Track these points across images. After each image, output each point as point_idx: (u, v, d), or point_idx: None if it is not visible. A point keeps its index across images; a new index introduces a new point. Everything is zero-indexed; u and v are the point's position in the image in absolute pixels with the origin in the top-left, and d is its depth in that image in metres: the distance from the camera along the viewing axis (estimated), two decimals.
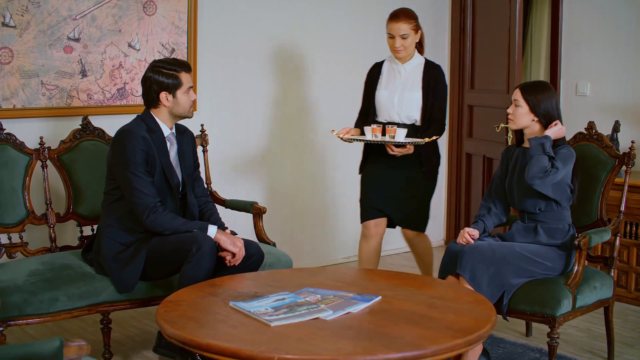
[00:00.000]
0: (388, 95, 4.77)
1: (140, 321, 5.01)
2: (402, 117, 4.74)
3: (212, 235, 3.91)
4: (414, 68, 4.81)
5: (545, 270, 3.94)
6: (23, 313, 3.74)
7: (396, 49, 4.73)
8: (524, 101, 4.04)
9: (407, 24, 4.69)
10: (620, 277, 5.33)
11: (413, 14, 4.75)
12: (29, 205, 4.32)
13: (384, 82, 4.84)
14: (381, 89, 4.82)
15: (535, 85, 4.12)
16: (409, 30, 4.70)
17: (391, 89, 4.78)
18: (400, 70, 4.81)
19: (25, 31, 4.66)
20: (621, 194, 4.34)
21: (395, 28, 4.70)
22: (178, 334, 2.93)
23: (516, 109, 4.07)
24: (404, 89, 4.75)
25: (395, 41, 4.72)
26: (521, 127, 4.11)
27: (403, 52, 4.74)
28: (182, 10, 5.29)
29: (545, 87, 4.10)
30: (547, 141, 3.96)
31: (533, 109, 4.03)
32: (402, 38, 4.69)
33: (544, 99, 4.03)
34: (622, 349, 4.50)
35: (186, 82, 4.05)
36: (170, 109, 4.05)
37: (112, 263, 3.96)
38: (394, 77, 4.82)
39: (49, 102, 4.80)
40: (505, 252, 3.86)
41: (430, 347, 2.79)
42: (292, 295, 3.35)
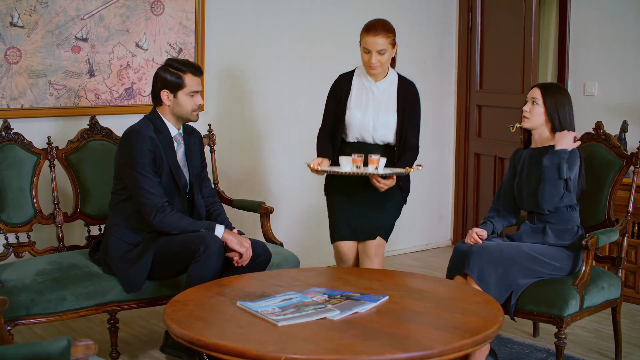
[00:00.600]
0: (361, 117, 4.37)
1: (147, 321, 5.02)
2: (377, 139, 4.39)
3: (220, 235, 3.91)
4: (388, 86, 4.43)
5: (552, 271, 3.94)
6: (30, 312, 3.75)
7: (372, 65, 4.29)
8: (542, 101, 4.04)
9: (385, 38, 4.27)
10: (628, 278, 5.32)
11: (391, 27, 4.36)
12: (36, 205, 4.33)
13: (354, 100, 4.41)
14: (352, 108, 4.39)
15: (555, 88, 4.13)
16: (387, 45, 4.29)
17: (364, 110, 4.38)
18: (373, 88, 4.41)
19: (33, 31, 4.67)
20: (629, 194, 4.34)
21: (372, 42, 4.26)
22: (185, 334, 2.93)
23: (533, 107, 4.07)
24: (379, 110, 4.37)
25: (372, 57, 4.28)
26: (535, 127, 4.10)
27: (379, 68, 4.32)
28: (189, 10, 5.29)
29: (564, 92, 4.13)
30: (563, 161, 3.93)
31: (549, 111, 4.04)
32: (379, 54, 4.27)
33: (562, 104, 4.05)
34: (630, 349, 4.49)
35: (190, 85, 4.02)
36: (171, 108, 4.05)
37: (120, 263, 3.97)
38: (366, 96, 4.41)
39: (56, 102, 4.81)
40: (514, 253, 3.85)
41: (437, 347, 2.78)
42: (300, 295, 3.35)
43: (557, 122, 4.04)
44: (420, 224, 6.94)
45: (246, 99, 5.77)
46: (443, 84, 6.95)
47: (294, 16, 5.96)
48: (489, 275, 3.76)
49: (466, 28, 6.83)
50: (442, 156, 7.03)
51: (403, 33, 6.58)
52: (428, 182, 6.95)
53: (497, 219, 4.20)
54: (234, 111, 5.71)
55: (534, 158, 4.09)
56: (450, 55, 6.96)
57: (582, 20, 6.31)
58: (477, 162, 6.89)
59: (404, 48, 6.61)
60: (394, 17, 6.49)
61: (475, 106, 6.84)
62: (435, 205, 7.07)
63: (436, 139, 6.97)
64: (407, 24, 6.62)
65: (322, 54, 6.11)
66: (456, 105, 7.02)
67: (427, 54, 6.81)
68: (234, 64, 5.67)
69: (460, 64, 6.93)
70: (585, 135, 4.49)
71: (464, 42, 6.86)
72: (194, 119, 4.11)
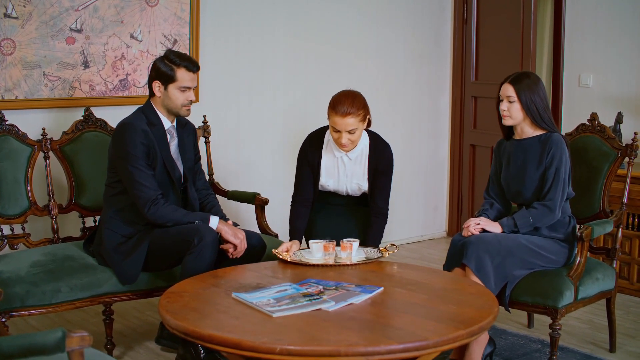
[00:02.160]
0: (334, 184, 4.28)
1: (142, 312, 5.02)
2: (351, 194, 4.34)
3: (214, 226, 3.91)
4: (359, 154, 4.22)
5: (547, 263, 3.94)
6: (25, 304, 3.75)
7: (342, 144, 4.06)
8: (517, 97, 3.98)
9: (355, 117, 3.99)
10: (623, 269, 5.33)
11: (361, 102, 4.05)
12: (31, 197, 4.32)
13: (325, 170, 4.26)
14: (324, 176, 4.27)
15: (524, 78, 4.02)
16: (357, 124, 4.01)
17: (336, 179, 4.27)
18: (344, 159, 4.22)
19: (27, 22, 4.65)
20: (624, 185, 4.34)
21: (341, 124, 3.99)
22: (180, 325, 2.94)
23: (511, 105, 4.01)
24: (352, 178, 4.25)
25: (342, 137, 4.03)
26: (517, 123, 4.05)
27: (350, 146, 4.10)
28: (184, 1, 5.28)
29: (533, 78, 4.04)
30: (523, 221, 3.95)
31: (525, 106, 3.99)
32: (350, 133, 4.02)
33: (535, 92, 3.99)
34: (624, 340, 4.50)
35: (182, 80, 3.98)
36: (161, 100, 4.03)
37: (114, 255, 3.97)
38: (337, 167, 4.25)
39: (51, 94, 4.79)
40: (511, 244, 3.85)
41: (432, 338, 2.79)
42: (295, 287, 3.35)
43: (536, 115, 4.00)
44: (416, 216, 6.95)
45: (241, 90, 5.76)
46: (438, 75, 6.95)
47: (289, 8, 5.95)
48: (487, 265, 3.76)
49: (461, 19, 6.83)
50: (437, 147, 7.04)
51: (398, 24, 6.60)
52: (423, 174, 6.96)
53: (491, 211, 4.20)
54: (229, 102, 5.70)
55: (520, 149, 4.08)
56: (445, 47, 6.95)
57: (577, 11, 6.31)
58: (472, 154, 6.89)
59: (399, 39, 6.63)
60: (390, 8, 6.52)
61: (470, 97, 6.83)
62: (431, 197, 7.07)
63: (431, 130, 6.97)
64: (403, 15, 6.62)
65: (317, 46, 6.10)
66: (451, 96, 7.02)
67: (422, 45, 6.80)
68: (229, 55, 5.66)
69: (455, 55, 6.92)
70: (580, 126, 4.50)
71: (459, 33, 6.86)
72: (184, 114, 4.07)
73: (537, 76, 4.07)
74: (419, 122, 6.89)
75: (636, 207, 5.22)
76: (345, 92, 4.09)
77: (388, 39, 6.57)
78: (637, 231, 5.27)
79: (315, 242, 3.91)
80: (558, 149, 3.95)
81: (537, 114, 3.99)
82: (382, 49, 6.54)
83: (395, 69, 6.64)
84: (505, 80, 4.05)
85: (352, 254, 3.86)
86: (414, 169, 6.87)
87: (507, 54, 6.36)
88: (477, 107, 6.81)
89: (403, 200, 6.77)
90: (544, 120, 4.00)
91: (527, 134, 4.07)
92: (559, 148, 3.95)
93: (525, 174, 4.02)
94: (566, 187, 3.97)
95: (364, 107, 4.06)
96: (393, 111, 6.66)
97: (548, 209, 3.92)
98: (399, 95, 6.69)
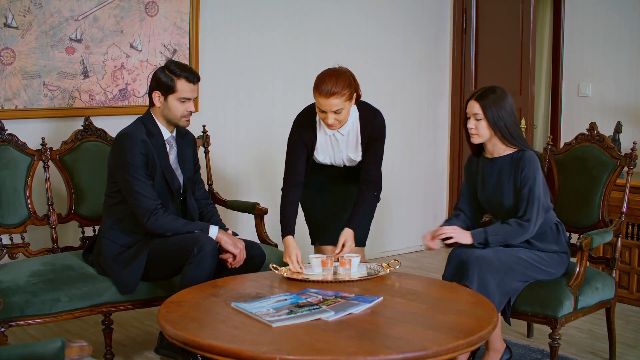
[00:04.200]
0: (331, 160, 4.24)
1: (141, 322, 5.01)
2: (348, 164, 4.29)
3: (214, 235, 3.91)
4: (351, 128, 4.15)
5: (546, 276, 3.93)
6: (25, 314, 3.74)
7: (329, 124, 3.98)
8: (483, 115, 3.87)
9: (339, 97, 3.87)
10: (622, 278, 5.33)
11: (346, 81, 3.92)
12: (30, 206, 4.32)
13: (320, 148, 4.21)
14: (319, 155, 4.23)
15: (490, 94, 3.90)
16: (342, 104, 3.90)
17: (332, 156, 4.23)
18: (337, 135, 4.15)
19: (27, 32, 4.66)
20: (623, 195, 4.34)
21: (326, 104, 3.89)
22: (180, 335, 2.93)
23: (478, 123, 3.89)
24: (347, 151, 4.20)
25: (328, 117, 3.93)
26: (486, 140, 3.94)
27: (338, 125, 4.02)
28: (184, 11, 5.29)
29: (500, 93, 3.90)
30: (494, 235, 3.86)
31: (492, 124, 3.87)
32: (336, 113, 3.92)
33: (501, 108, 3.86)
34: (624, 350, 4.50)
35: (182, 91, 3.97)
36: (161, 110, 4.03)
37: (113, 264, 3.97)
38: (332, 143, 4.20)
39: (50, 103, 4.80)
40: (510, 261, 3.80)
41: (431, 347, 2.79)
42: (294, 296, 3.35)
43: (504, 131, 3.88)
44: (415, 225, 6.94)
45: (241, 100, 5.77)
46: (437, 84, 6.96)
47: (288, 17, 5.97)
48: (490, 285, 3.72)
49: (460, 28, 6.84)
50: (436, 156, 7.04)
51: (397, 33, 6.61)
52: (423, 183, 6.96)
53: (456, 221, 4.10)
54: (229, 112, 5.71)
55: (493, 169, 3.98)
56: (444, 55, 6.96)
57: (576, 20, 6.33)
58: None
59: (398, 48, 6.64)
60: (389, 17, 6.53)
61: None
62: (430, 206, 7.07)
63: (430, 139, 6.98)
64: (402, 24, 6.64)
65: (317, 56, 6.11)
66: (450, 105, 7.03)
67: (421, 54, 6.82)
68: (228, 64, 5.67)
69: (454, 64, 6.93)
70: (579, 136, 4.50)
71: (459, 42, 6.87)
72: (183, 124, 4.06)
73: (503, 90, 3.94)
74: (418, 131, 6.89)
75: (635, 216, 5.22)
76: (330, 71, 3.96)
77: (387, 47, 6.58)
78: (637, 240, 5.27)
79: (315, 257, 3.84)
80: (530, 168, 3.84)
81: (505, 130, 3.86)
82: (381, 58, 6.55)
83: (394, 78, 6.65)
84: (471, 97, 3.94)
85: (353, 269, 3.80)
86: (413, 178, 6.88)
87: (506, 63, 6.37)
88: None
89: (402, 210, 6.78)
90: (513, 137, 3.89)
91: (499, 152, 3.96)
92: (531, 167, 3.85)
93: (502, 192, 3.94)
94: (541, 204, 3.86)
95: (349, 86, 3.92)
96: (392, 120, 6.64)
97: (523, 229, 3.83)
98: (399, 103, 6.70)
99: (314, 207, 4.43)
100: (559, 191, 4.51)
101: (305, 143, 4.18)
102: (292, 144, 4.21)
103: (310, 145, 4.19)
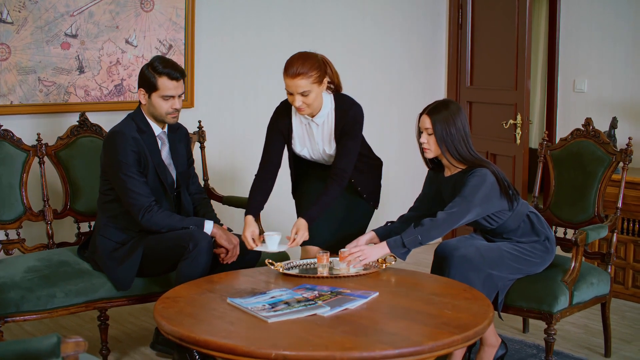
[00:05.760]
0: (309, 152, 4.21)
1: (137, 318, 5.01)
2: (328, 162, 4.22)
3: (209, 231, 3.91)
4: (326, 119, 4.10)
5: (534, 266, 3.92)
6: (20, 309, 3.74)
7: (298, 107, 3.94)
8: (432, 130, 3.82)
9: (305, 79, 3.85)
10: (617, 274, 5.34)
11: (315, 64, 3.90)
12: (26, 202, 4.31)
13: (297, 139, 4.19)
14: (297, 146, 4.20)
15: (442, 109, 3.84)
16: (309, 86, 3.87)
17: (309, 148, 4.20)
18: (312, 125, 4.11)
19: (22, 27, 4.65)
20: (618, 190, 4.35)
21: (292, 85, 3.87)
22: (175, 331, 2.93)
23: (430, 137, 3.85)
24: (323, 145, 4.15)
25: (295, 99, 3.90)
26: (438, 154, 3.88)
27: (307, 109, 3.96)
28: (179, 6, 5.28)
29: (451, 109, 3.84)
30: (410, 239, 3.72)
31: (440, 140, 3.81)
32: (303, 95, 3.89)
33: (451, 124, 3.79)
34: (619, 345, 4.51)
35: (163, 89, 3.93)
36: (147, 107, 4.03)
37: (108, 261, 3.96)
38: (308, 133, 4.16)
39: (46, 99, 4.79)
40: (494, 255, 3.80)
41: (427, 343, 2.79)
42: (290, 292, 3.35)
43: (451, 148, 3.81)
44: None
45: (237, 95, 5.77)
46: (433, 80, 6.95)
47: (285, 12, 5.96)
48: (474, 282, 3.71)
49: (456, 24, 6.84)
50: None
51: (393, 29, 6.61)
52: (419, 179, 6.93)
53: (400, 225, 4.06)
54: (225, 107, 5.71)
55: (449, 186, 3.94)
56: (440, 52, 6.96)
57: (572, 16, 6.33)
58: None
59: (394, 44, 6.64)
60: (385, 13, 6.53)
61: (465, 102, 6.84)
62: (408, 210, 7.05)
63: None
64: (398, 20, 6.63)
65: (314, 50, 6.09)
66: None
67: (417, 50, 6.82)
68: (224, 60, 5.66)
69: (450, 60, 6.93)
70: (574, 131, 4.51)
71: (454, 39, 6.87)
72: (170, 121, 4.04)
73: (457, 105, 3.89)
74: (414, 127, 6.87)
75: (631, 212, 5.23)
76: (299, 54, 3.96)
77: (383, 44, 6.58)
78: (632, 236, 5.28)
79: (269, 235, 3.80)
80: (473, 178, 3.76)
81: (452, 147, 3.80)
82: (377, 54, 6.55)
83: (390, 74, 6.65)
84: (423, 112, 3.89)
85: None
86: (410, 174, 6.87)
87: (502, 59, 6.37)
88: (472, 113, 6.81)
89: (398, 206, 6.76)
90: (459, 154, 3.82)
91: (453, 170, 3.93)
92: (474, 178, 3.76)
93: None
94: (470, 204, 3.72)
95: (318, 69, 3.90)
96: (389, 116, 6.67)
97: (436, 221, 3.72)
98: (395, 100, 6.70)
99: (300, 208, 4.39)
100: (555, 186, 4.52)
101: (281, 131, 4.15)
102: (268, 132, 4.21)
103: (287, 134, 4.16)
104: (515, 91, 6.20)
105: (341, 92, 4.14)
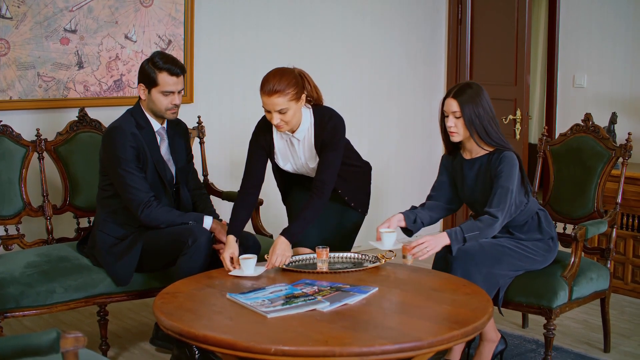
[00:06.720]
0: (292, 167, 4.12)
1: (137, 313, 5.01)
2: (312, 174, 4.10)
3: (208, 226, 3.92)
4: (306, 134, 3.99)
5: (535, 264, 3.93)
6: (20, 305, 3.74)
7: (276, 125, 3.82)
8: (461, 112, 3.78)
9: (282, 96, 3.73)
10: (617, 269, 5.34)
11: (291, 79, 3.79)
12: (25, 197, 4.31)
13: (280, 154, 4.09)
14: (280, 160, 4.10)
15: (467, 89, 3.81)
16: (286, 103, 3.75)
17: (292, 163, 4.10)
18: (293, 141, 4.00)
19: (21, 23, 4.65)
20: (618, 185, 4.35)
21: (269, 103, 3.76)
22: (175, 326, 2.93)
23: (457, 121, 3.81)
24: (305, 160, 4.05)
25: (273, 117, 3.78)
26: (465, 138, 3.85)
27: (285, 127, 3.84)
28: (178, 1, 5.28)
29: (476, 90, 3.81)
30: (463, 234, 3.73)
31: (468, 123, 3.78)
32: (280, 113, 3.77)
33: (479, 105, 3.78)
34: (619, 340, 4.51)
35: (163, 84, 3.93)
36: (146, 102, 4.02)
37: (107, 256, 3.96)
38: (290, 149, 4.06)
39: (45, 94, 4.79)
40: (496, 252, 3.80)
41: (427, 338, 2.79)
42: (289, 287, 3.35)
43: (480, 130, 3.79)
44: None
45: (236, 91, 5.76)
46: (433, 76, 6.95)
47: (284, 9, 5.95)
48: (475, 278, 3.71)
49: (456, 20, 6.83)
50: (431, 149, 7.03)
51: (393, 25, 6.60)
52: (418, 174, 6.96)
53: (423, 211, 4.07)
54: (224, 103, 5.70)
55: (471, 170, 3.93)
56: (440, 47, 6.95)
57: (571, 12, 6.32)
58: None
59: (393, 40, 6.63)
60: (384, 9, 6.52)
61: None
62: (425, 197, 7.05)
63: (426, 132, 6.97)
64: (397, 15, 6.62)
65: (312, 47, 6.10)
66: None
67: (416, 46, 6.81)
68: (223, 55, 5.66)
69: (450, 55, 6.93)
70: (574, 126, 4.51)
71: (454, 34, 6.86)
72: (169, 117, 4.04)
73: (479, 86, 3.85)
74: (413, 123, 6.89)
75: (630, 207, 5.23)
76: (275, 70, 3.83)
77: (383, 39, 6.57)
78: (632, 231, 5.28)
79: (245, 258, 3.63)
80: (506, 165, 3.76)
81: (481, 128, 3.79)
82: (376, 50, 6.55)
83: (389, 70, 6.64)
84: (448, 95, 3.85)
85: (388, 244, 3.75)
86: (409, 170, 6.87)
87: (502, 55, 6.37)
88: None
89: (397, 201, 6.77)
90: (489, 136, 3.81)
91: (477, 151, 3.91)
92: (507, 164, 3.76)
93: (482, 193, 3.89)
94: (513, 201, 3.77)
95: (295, 85, 3.78)
96: (388, 112, 6.67)
97: (492, 224, 3.72)
98: (394, 95, 6.69)
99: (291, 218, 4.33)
100: (554, 182, 4.52)
101: (263, 146, 4.05)
102: (250, 147, 4.08)
103: (269, 149, 4.06)
104: (515, 86, 6.20)
105: (321, 105, 4.05)
